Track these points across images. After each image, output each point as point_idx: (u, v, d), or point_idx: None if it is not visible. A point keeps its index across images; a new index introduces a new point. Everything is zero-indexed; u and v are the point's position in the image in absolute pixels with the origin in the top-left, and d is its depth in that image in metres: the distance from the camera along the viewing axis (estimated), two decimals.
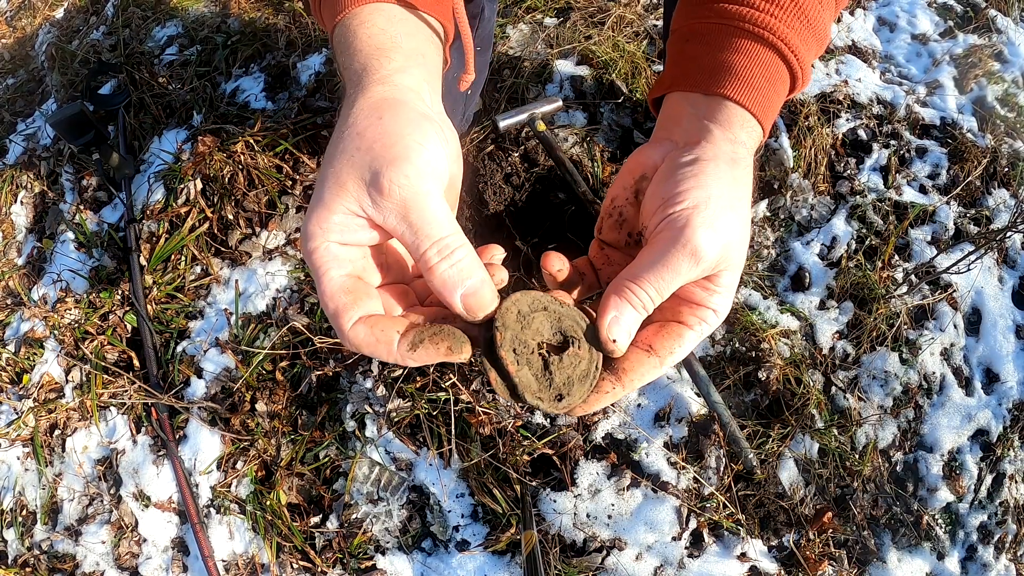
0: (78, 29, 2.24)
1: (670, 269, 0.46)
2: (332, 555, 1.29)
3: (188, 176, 1.64)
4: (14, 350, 1.57)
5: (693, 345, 0.50)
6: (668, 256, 0.46)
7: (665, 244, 0.46)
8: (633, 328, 0.47)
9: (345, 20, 0.51)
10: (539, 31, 1.86)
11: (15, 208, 1.79)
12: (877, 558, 1.32)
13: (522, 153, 1.61)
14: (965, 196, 1.69)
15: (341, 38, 0.51)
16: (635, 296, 0.46)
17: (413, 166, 0.42)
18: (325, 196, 0.43)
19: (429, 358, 0.44)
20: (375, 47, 0.48)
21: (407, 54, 0.50)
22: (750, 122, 0.52)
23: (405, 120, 0.44)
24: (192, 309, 1.55)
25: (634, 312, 0.46)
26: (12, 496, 1.44)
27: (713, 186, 0.47)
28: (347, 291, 0.45)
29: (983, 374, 1.52)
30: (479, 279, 0.43)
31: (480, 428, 1.32)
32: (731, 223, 0.47)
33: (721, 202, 0.47)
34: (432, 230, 0.42)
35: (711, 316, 0.49)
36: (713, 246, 0.45)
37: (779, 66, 0.53)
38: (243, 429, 1.39)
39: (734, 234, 0.47)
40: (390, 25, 0.50)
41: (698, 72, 0.53)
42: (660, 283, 0.46)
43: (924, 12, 2.09)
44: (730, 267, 0.48)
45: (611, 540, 1.26)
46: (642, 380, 0.49)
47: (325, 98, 1.76)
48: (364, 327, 0.44)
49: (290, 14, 1.98)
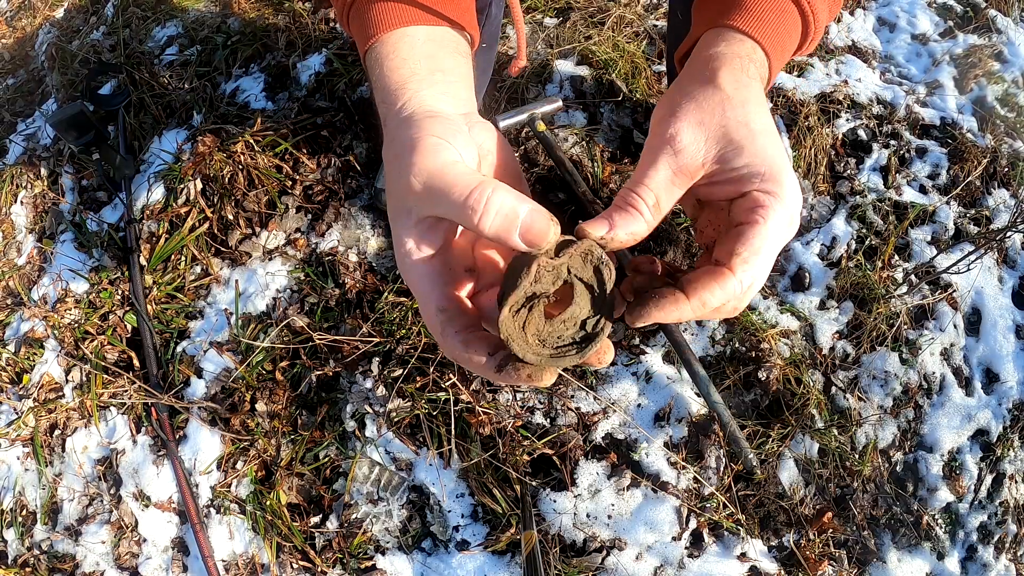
0: (78, 29, 2.24)
1: (651, 164, 0.47)
2: (332, 555, 1.29)
3: (188, 176, 1.64)
4: (14, 350, 1.57)
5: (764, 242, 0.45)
6: (647, 155, 0.47)
7: (645, 150, 0.48)
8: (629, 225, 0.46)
9: (375, 48, 0.54)
10: (539, 31, 1.86)
11: (15, 208, 1.79)
12: (877, 558, 1.32)
13: (522, 153, 1.61)
14: (965, 196, 1.69)
15: (372, 66, 0.54)
16: (624, 199, 0.47)
17: (418, 154, 0.44)
18: (393, 211, 0.47)
19: (513, 382, 0.45)
20: (396, 86, 0.51)
21: (422, 78, 0.52)
22: (754, 49, 0.52)
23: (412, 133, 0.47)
24: (192, 309, 1.55)
25: (622, 211, 0.46)
26: (12, 496, 1.44)
27: (689, 89, 0.48)
28: (441, 309, 0.46)
29: (983, 374, 1.52)
30: (527, 210, 0.41)
31: (480, 428, 1.32)
32: (705, 105, 0.47)
33: (692, 96, 0.47)
34: (458, 190, 0.42)
35: (765, 198, 0.45)
36: (686, 126, 0.46)
37: (792, 11, 0.54)
38: (243, 429, 1.39)
39: (713, 115, 0.46)
40: (411, 52, 0.53)
41: (710, 12, 0.55)
42: (646, 179, 0.46)
43: (924, 12, 2.09)
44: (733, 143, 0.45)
45: (611, 540, 1.26)
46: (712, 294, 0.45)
47: (325, 98, 1.76)
48: (460, 345, 0.46)
49: (290, 14, 1.98)
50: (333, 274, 1.51)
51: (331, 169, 1.63)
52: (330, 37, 1.90)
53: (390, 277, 1.52)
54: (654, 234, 1.41)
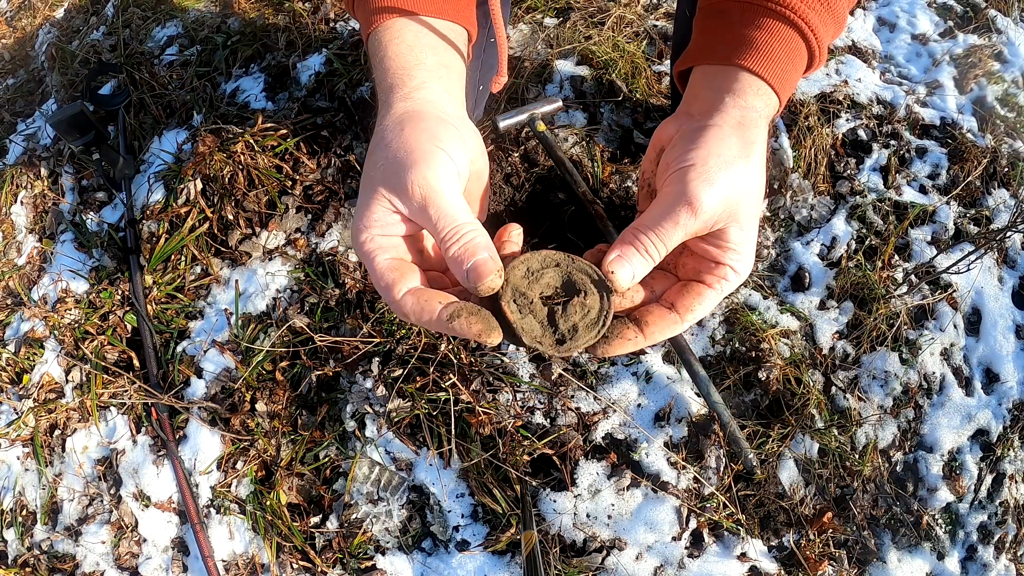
0: (78, 29, 2.24)
1: (671, 219, 0.50)
2: (332, 555, 1.29)
3: (188, 176, 1.64)
4: (14, 350, 1.57)
5: (714, 303, 0.54)
6: (670, 208, 0.50)
7: (668, 198, 0.51)
8: (637, 269, 0.52)
9: (378, 31, 0.58)
10: (539, 31, 1.86)
11: (15, 208, 1.79)
12: (877, 558, 1.32)
13: (522, 153, 1.61)
14: (965, 196, 1.69)
15: (374, 48, 0.58)
16: (639, 241, 0.51)
17: (430, 169, 0.49)
18: (364, 199, 0.52)
19: (464, 332, 0.49)
20: (401, 66, 0.55)
21: (429, 69, 0.56)
22: (764, 90, 0.55)
23: (423, 128, 0.51)
24: (192, 309, 1.55)
25: (637, 254, 0.51)
26: (12, 496, 1.44)
27: (714, 146, 0.51)
28: (393, 269, 0.52)
29: (983, 374, 1.52)
30: (484, 256, 0.49)
31: (480, 428, 1.32)
32: (731, 178, 0.50)
33: (720, 159, 0.50)
34: (447, 220, 0.49)
35: (731, 274, 0.53)
36: (710, 198, 0.49)
37: (798, 42, 0.56)
38: (243, 429, 1.39)
39: (734, 189, 0.50)
40: (417, 40, 0.57)
41: (719, 45, 0.57)
42: (662, 231, 0.51)
43: (924, 12, 2.09)
44: (736, 221, 0.51)
45: (611, 540, 1.26)
46: (663, 334, 0.53)
47: (325, 98, 1.76)
48: (412, 298, 0.51)
49: (290, 14, 1.98)
50: (333, 274, 1.51)
51: (331, 169, 1.63)
52: (330, 37, 1.90)
53: None
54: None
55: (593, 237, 1.35)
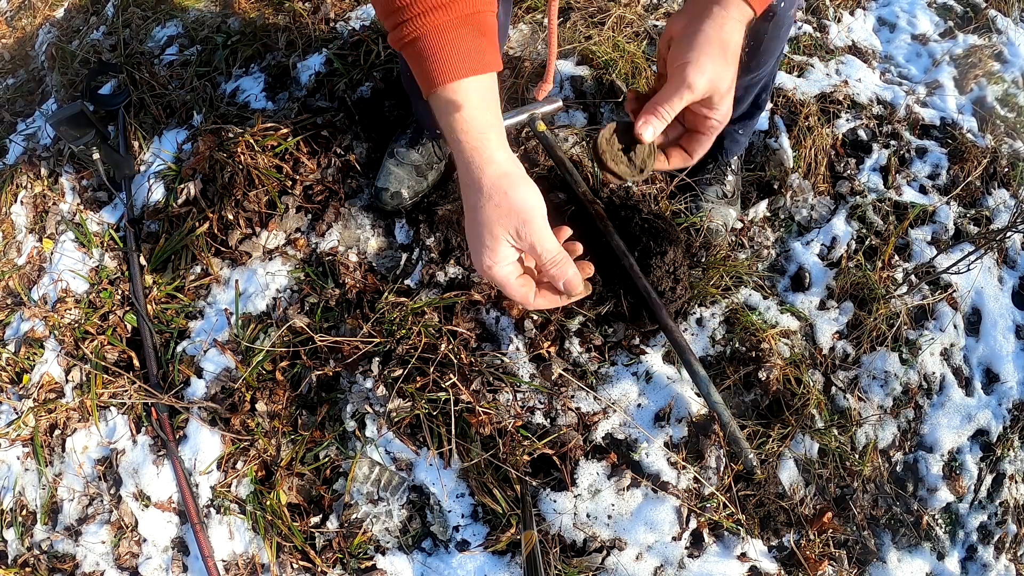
0: (78, 29, 2.24)
1: (677, 95, 0.75)
2: (332, 555, 1.29)
3: (188, 176, 1.64)
4: (14, 350, 1.57)
5: (710, 143, 0.82)
6: (676, 89, 0.74)
7: (674, 81, 0.75)
8: (656, 128, 0.76)
9: (446, 91, 0.69)
10: (539, 31, 1.86)
11: (15, 208, 1.79)
12: (877, 558, 1.32)
13: (522, 153, 1.61)
14: (965, 196, 1.69)
15: (445, 107, 0.70)
16: (657, 110, 0.76)
17: (536, 223, 0.71)
18: (488, 241, 0.71)
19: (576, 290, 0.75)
20: (479, 130, 0.71)
21: (496, 127, 0.73)
22: (740, 4, 0.75)
23: (519, 191, 0.71)
24: (192, 309, 1.55)
25: (655, 118, 0.76)
26: (12, 496, 1.44)
27: (704, 48, 0.74)
28: (523, 285, 0.75)
29: (983, 374, 1.52)
30: (572, 273, 0.74)
31: (480, 428, 1.32)
32: (714, 69, 0.74)
33: (707, 58, 0.73)
34: (547, 253, 0.72)
35: (715, 124, 0.79)
36: (701, 83, 0.73)
37: None
38: (243, 429, 1.39)
39: (716, 75, 0.74)
40: (482, 102, 0.71)
41: None
42: (671, 103, 0.75)
43: (924, 12, 2.09)
44: (717, 92, 0.75)
45: (611, 540, 1.26)
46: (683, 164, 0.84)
47: (325, 98, 1.76)
48: (542, 299, 0.76)
49: (290, 14, 1.98)
50: (333, 274, 1.51)
51: (331, 169, 1.63)
52: (330, 37, 1.91)
53: (390, 277, 1.52)
54: (655, 233, 1.41)
55: (593, 237, 1.35)
